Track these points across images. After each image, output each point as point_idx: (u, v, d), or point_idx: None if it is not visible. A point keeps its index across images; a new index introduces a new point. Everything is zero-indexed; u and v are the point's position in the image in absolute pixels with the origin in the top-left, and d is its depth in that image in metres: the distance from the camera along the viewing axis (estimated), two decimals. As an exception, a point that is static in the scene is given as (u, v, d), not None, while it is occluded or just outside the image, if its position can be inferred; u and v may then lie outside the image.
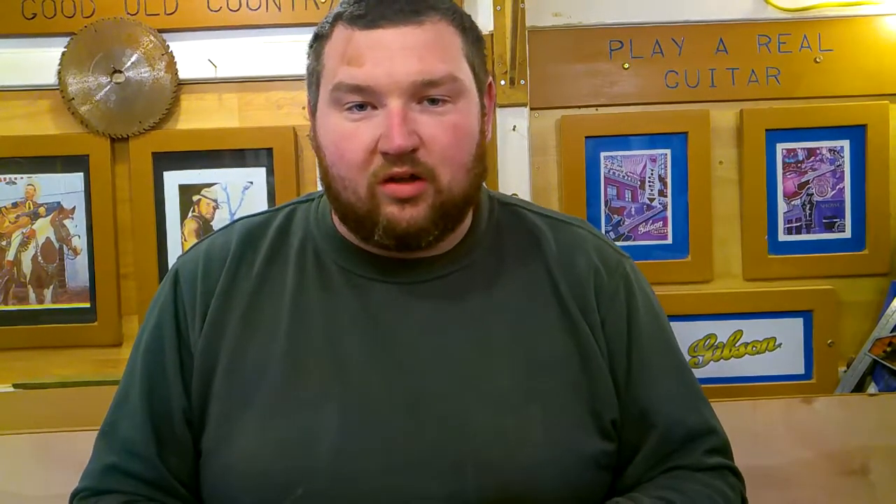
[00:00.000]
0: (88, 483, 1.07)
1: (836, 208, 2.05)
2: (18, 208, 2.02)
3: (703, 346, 2.05)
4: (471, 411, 0.99)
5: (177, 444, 1.05)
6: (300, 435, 0.98)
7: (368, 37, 0.96)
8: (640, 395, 1.06)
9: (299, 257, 1.08)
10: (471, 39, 1.02)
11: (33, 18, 1.98)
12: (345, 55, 0.97)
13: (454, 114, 0.98)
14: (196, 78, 2.00)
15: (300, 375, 1.01)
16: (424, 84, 0.96)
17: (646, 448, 1.06)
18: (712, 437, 1.09)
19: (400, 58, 0.95)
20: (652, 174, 2.04)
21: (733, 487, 1.09)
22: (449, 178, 0.98)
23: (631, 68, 2.04)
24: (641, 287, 1.12)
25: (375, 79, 0.95)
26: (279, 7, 1.99)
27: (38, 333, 2.01)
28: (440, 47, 0.97)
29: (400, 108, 0.95)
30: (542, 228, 1.11)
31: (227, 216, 2.01)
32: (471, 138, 1.01)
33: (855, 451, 1.72)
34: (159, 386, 1.05)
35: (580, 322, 1.05)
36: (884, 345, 1.93)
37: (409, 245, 1.00)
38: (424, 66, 0.96)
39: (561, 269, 1.08)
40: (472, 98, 1.01)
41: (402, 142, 0.94)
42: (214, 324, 1.05)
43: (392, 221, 0.98)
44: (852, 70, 2.03)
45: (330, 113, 0.99)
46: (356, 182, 0.98)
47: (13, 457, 1.69)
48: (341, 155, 0.99)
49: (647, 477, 1.06)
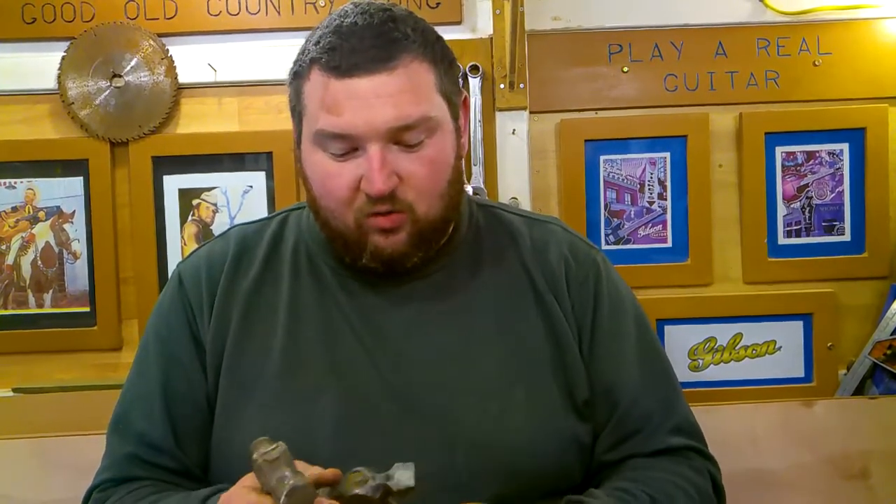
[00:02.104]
0: (109, 475, 1.10)
1: (836, 211, 2.05)
2: (18, 212, 2.02)
3: (703, 349, 2.05)
4: (459, 398, 1.06)
5: (197, 434, 1.11)
6: (299, 424, 1.05)
7: (345, 86, 1.01)
8: (603, 374, 1.13)
9: (294, 260, 1.15)
10: (443, 69, 1.07)
11: (33, 23, 1.98)
12: (324, 102, 1.02)
13: (430, 148, 1.04)
14: (196, 82, 2.00)
15: (297, 370, 1.08)
16: (400, 129, 1.02)
17: (609, 425, 1.12)
18: (674, 416, 1.13)
19: (376, 106, 1.01)
20: (651, 177, 2.04)
21: (699, 470, 1.12)
22: (426, 209, 1.06)
23: (630, 72, 2.04)
24: (610, 277, 1.19)
25: (355, 127, 1.01)
26: (278, 11, 1.99)
27: (38, 338, 2.01)
28: (413, 90, 1.02)
29: (379, 152, 1.01)
30: (518, 226, 1.19)
31: (227, 220, 2.01)
32: (446, 167, 1.07)
33: (855, 455, 1.73)
34: (177, 381, 1.11)
35: (555, 309, 1.12)
36: (884, 348, 1.93)
37: (394, 268, 1.08)
38: (399, 111, 1.01)
39: (536, 261, 1.15)
40: (446, 128, 1.07)
41: (382, 187, 1.01)
42: (219, 321, 1.11)
43: (378, 248, 1.06)
44: (851, 73, 2.03)
45: (314, 151, 1.05)
46: (343, 214, 1.06)
47: (13, 461, 1.69)
48: (328, 191, 1.05)
49: (610, 456, 1.12)
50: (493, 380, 1.08)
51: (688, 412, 1.16)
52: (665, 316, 2.01)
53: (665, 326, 2.01)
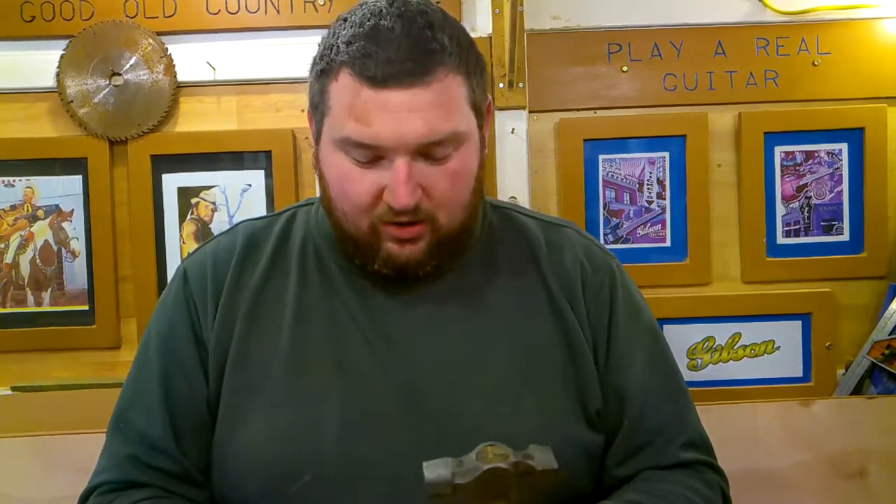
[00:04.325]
0: (109, 476, 1.08)
1: (835, 211, 2.05)
2: (17, 211, 2.02)
3: (702, 348, 2.05)
4: (467, 401, 1.04)
5: (197, 435, 1.08)
6: (306, 425, 1.03)
7: (377, 97, 0.97)
8: (617, 384, 1.10)
9: (301, 257, 1.13)
10: (475, 80, 1.04)
11: (32, 21, 1.98)
12: (352, 110, 0.99)
13: (455, 160, 1.02)
14: (195, 80, 2.00)
15: (304, 369, 1.06)
16: (429, 144, 0.99)
17: (619, 436, 1.10)
18: (687, 430, 1.12)
19: (407, 119, 0.97)
20: (650, 177, 2.05)
21: (710, 484, 1.10)
22: (447, 220, 1.04)
23: (629, 71, 2.04)
24: (625, 285, 1.16)
25: (383, 140, 0.98)
26: (278, 10, 1.99)
27: (37, 336, 2.00)
28: (445, 105, 1.00)
29: (405, 165, 0.99)
30: (533, 230, 1.16)
31: (226, 219, 2.01)
32: (469, 178, 1.05)
33: (853, 454, 1.73)
34: (177, 380, 1.09)
35: (569, 315, 1.10)
36: (882, 347, 1.93)
37: (407, 275, 1.06)
38: (430, 127, 0.98)
39: (550, 266, 1.13)
40: (472, 140, 1.05)
41: (407, 201, 0.99)
42: (224, 319, 1.09)
43: (392, 256, 1.04)
44: (850, 73, 2.03)
45: (335, 153, 1.03)
46: (359, 219, 1.03)
47: (12, 460, 1.69)
48: (346, 195, 1.03)
49: (621, 471, 1.10)
50: (502, 383, 1.06)
51: (699, 425, 1.14)
52: (664, 315, 2.01)
53: (664, 326, 1.98)
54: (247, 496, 1.04)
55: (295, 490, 1.01)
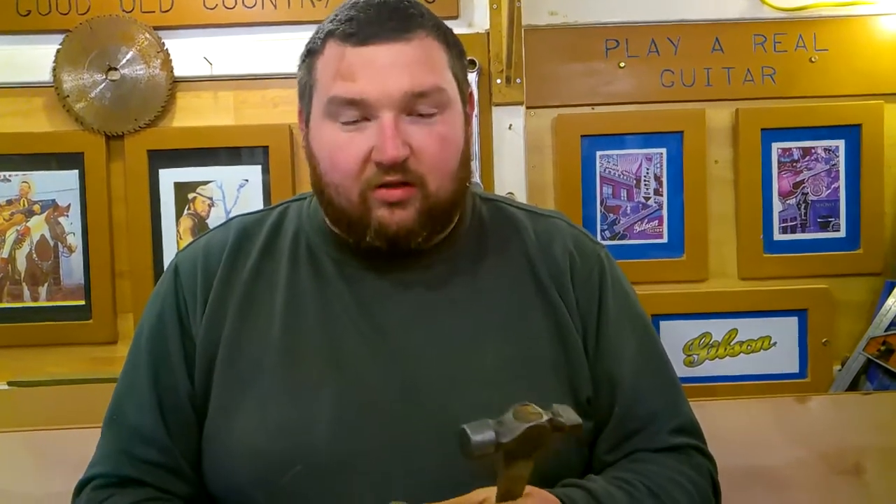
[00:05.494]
0: (102, 469, 1.09)
1: (831, 208, 2.06)
2: (13, 206, 2.01)
3: (698, 344, 2.05)
4: (459, 390, 1.06)
5: (184, 429, 1.10)
6: (298, 416, 1.04)
7: (360, 54, 1.02)
8: (608, 371, 1.12)
9: (293, 250, 1.14)
10: (455, 54, 1.09)
11: (28, 15, 1.97)
12: (338, 71, 1.03)
13: (441, 124, 1.05)
14: (191, 75, 1.99)
15: (296, 362, 1.07)
16: (414, 96, 1.03)
17: (611, 423, 1.12)
18: (677, 416, 1.14)
19: (391, 73, 1.02)
20: (647, 173, 2.05)
21: (698, 467, 1.12)
22: (437, 185, 1.05)
23: (627, 67, 2.04)
24: (614, 273, 1.18)
25: (368, 93, 1.02)
26: (275, 5, 1.98)
27: (33, 331, 2.00)
28: (428, 61, 1.04)
29: (392, 120, 1.02)
30: (522, 220, 1.18)
31: (223, 214, 2.01)
32: (456, 146, 1.08)
33: (849, 451, 1.73)
34: (165, 374, 1.10)
35: (558, 304, 1.12)
36: (878, 344, 1.93)
37: (399, 246, 1.06)
38: (414, 79, 1.03)
39: (540, 255, 1.14)
40: (456, 108, 1.08)
41: (395, 153, 1.01)
42: (214, 313, 1.10)
43: (383, 224, 1.05)
44: (847, 70, 2.03)
45: (324, 124, 1.06)
46: (349, 189, 1.05)
47: (7, 455, 1.69)
48: (336, 164, 1.05)
49: (611, 457, 1.11)
50: (494, 372, 1.07)
51: (689, 411, 1.16)
52: (660, 311, 2.00)
53: (660, 322, 2.01)
54: (239, 486, 1.05)
55: (287, 480, 1.02)
